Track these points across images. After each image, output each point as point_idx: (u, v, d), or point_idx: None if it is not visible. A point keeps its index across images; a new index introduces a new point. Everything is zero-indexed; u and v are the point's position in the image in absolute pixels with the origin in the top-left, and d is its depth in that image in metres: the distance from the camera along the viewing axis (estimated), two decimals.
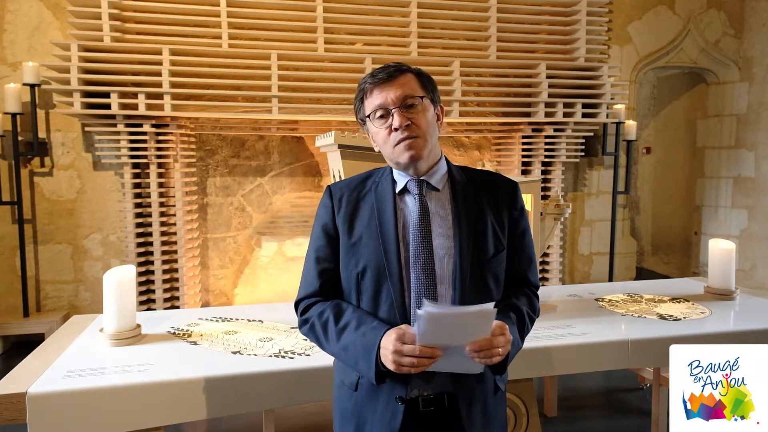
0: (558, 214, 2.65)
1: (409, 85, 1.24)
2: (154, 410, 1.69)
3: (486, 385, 1.29)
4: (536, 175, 4.61)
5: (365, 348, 1.18)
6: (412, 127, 1.22)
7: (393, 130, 1.23)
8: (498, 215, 1.30)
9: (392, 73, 1.24)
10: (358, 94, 1.29)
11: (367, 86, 1.26)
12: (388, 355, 1.13)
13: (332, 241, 1.32)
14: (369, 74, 1.27)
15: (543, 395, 3.05)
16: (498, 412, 1.34)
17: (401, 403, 1.22)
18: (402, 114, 1.22)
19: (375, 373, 1.17)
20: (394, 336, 1.13)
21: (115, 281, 2.01)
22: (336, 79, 4.05)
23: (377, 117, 1.25)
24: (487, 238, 1.27)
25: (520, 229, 1.34)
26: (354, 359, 1.22)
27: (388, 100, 1.23)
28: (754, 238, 5.33)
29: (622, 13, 5.02)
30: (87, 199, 4.16)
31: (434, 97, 1.29)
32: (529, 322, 1.33)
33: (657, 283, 3.13)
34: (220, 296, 4.44)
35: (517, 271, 1.35)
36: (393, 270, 1.23)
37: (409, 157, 1.23)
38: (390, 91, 1.23)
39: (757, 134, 5.27)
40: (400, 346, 1.12)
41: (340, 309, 1.27)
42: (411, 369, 1.11)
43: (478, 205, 1.29)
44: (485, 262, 1.26)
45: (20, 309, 4.02)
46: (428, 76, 1.31)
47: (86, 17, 3.76)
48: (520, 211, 1.35)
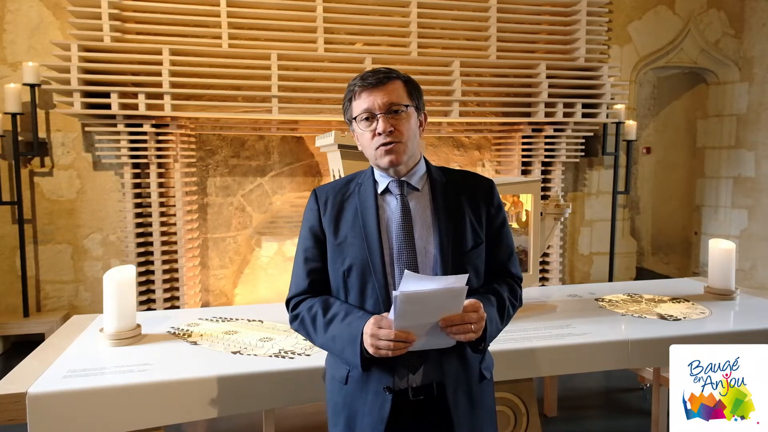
0: (558, 214, 2.65)
1: (396, 93, 1.30)
2: (154, 410, 1.69)
3: (471, 372, 1.34)
4: (536, 175, 4.61)
5: (351, 336, 1.24)
6: (395, 133, 1.28)
7: (377, 134, 1.29)
8: (475, 211, 1.37)
9: (381, 79, 1.30)
10: (347, 95, 1.36)
11: (356, 89, 1.32)
12: (367, 339, 1.20)
13: (319, 241, 1.39)
14: (359, 76, 1.33)
15: (543, 395, 3.05)
16: (485, 400, 1.38)
17: (389, 393, 1.27)
18: (386, 120, 1.28)
19: (360, 360, 1.23)
20: (372, 321, 1.21)
21: (115, 281, 2.01)
22: (336, 79, 4.05)
23: (363, 119, 1.31)
24: (465, 233, 1.34)
25: (498, 223, 1.41)
26: (341, 348, 1.27)
27: (375, 105, 1.29)
28: (754, 238, 5.33)
29: (622, 13, 5.02)
30: (87, 199, 4.16)
31: (419, 105, 1.36)
32: (510, 307, 1.38)
33: (657, 283, 3.13)
34: (220, 296, 4.44)
35: (498, 263, 1.41)
36: (377, 267, 1.29)
37: (389, 162, 1.30)
38: (378, 96, 1.29)
39: (757, 134, 5.27)
40: (376, 330, 1.19)
41: (327, 303, 1.34)
42: (389, 352, 1.17)
43: (456, 203, 1.36)
44: (464, 254, 1.33)
45: (20, 309, 4.02)
46: (416, 84, 1.37)
47: (86, 17, 3.76)
48: (497, 207, 1.41)
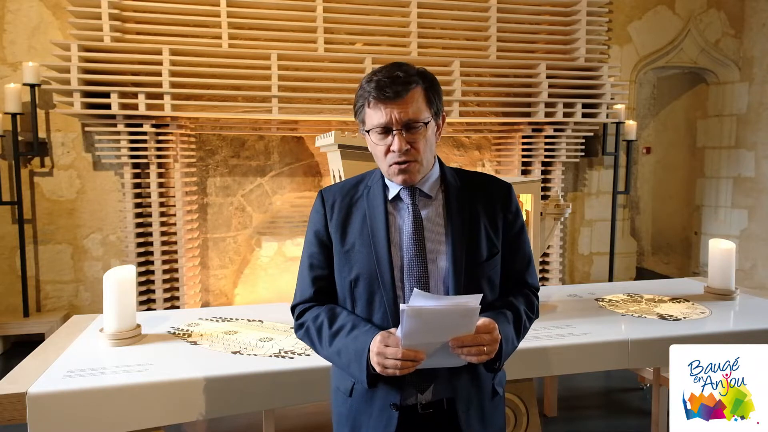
0: (558, 214, 2.65)
1: (415, 105, 1.19)
2: (154, 410, 1.69)
3: (483, 389, 1.29)
4: (536, 175, 4.61)
5: (357, 351, 1.19)
6: (411, 152, 1.20)
7: (390, 151, 1.20)
8: (492, 218, 1.29)
9: (400, 92, 1.17)
10: (361, 97, 1.23)
11: (372, 99, 1.19)
12: (373, 357, 1.14)
13: (325, 247, 1.32)
14: (375, 83, 1.19)
15: (543, 395, 3.05)
16: (496, 416, 1.33)
17: (395, 410, 1.22)
18: (403, 138, 1.19)
19: (366, 377, 1.18)
20: (379, 338, 1.15)
21: (115, 281, 2.01)
22: (336, 79, 4.04)
23: (377, 132, 1.21)
24: (480, 243, 1.26)
25: (515, 230, 1.33)
26: (347, 363, 1.22)
27: (392, 120, 1.18)
28: (754, 238, 5.33)
29: (622, 13, 5.02)
30: (87, 199, 4.16)
31: (438, 110, 1.25)
32: (527, 321, 1.32)
33: (657, 283, 3.13)
34: (220, 296, 4.44)
35: (515, 272, 1.34)
36: (386, 279, 1.23)
37: (402, 181, 1.23)
38: (395, 110, 1.17)
39: (757, 134, 5.27)
40: (383, 348, 1.13)
41: (334, 313, 1.28)
42: (396, 371, 1.11)
43: (471, 210, 1.28)
44: (478, 265, 1.25)
45: (20, 309, 4.02)
46: (436, 84, 1.25)
47: (86, 17, 3.76)
48: (514, 213, 1.33)
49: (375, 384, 1.20)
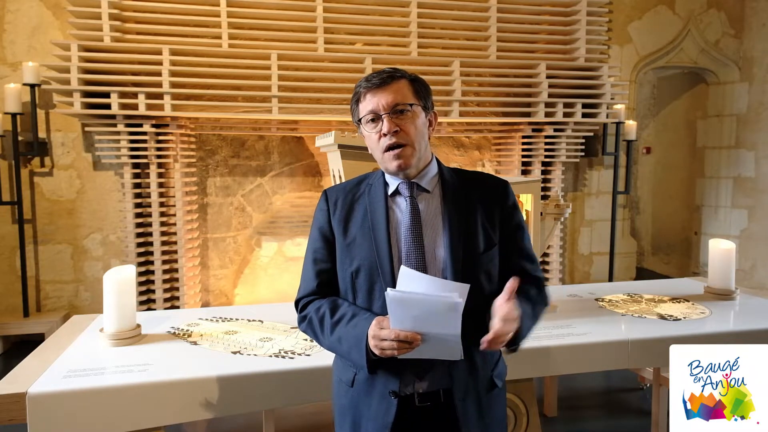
0: (558, 214, 2.65)
1: (401, 92, 1.27)
2: (154, 410, 1.69)
3: (480, 381, 1.32)
4: (536, 175, 4.60)
5: (356, 338, 1.23)
6: (401, 134, 1.26)
7: (382, 135, 1.27)
8: (488, 212, 1.33)
9: (385, 79, 1.27)
10: (353, 97, 1.33)
11: (362, 90, 1.29)
12: (371, 341, 1.20)
13: (328, 242, 1.37)
14: (364, 78, 1.31)
15: (543, 395, 3.05)
16: (496, 409, 1.35)
17: (394, 398, 1.26)
18: (391, 120, 1.26)
19: (366, 362, 1.22)
20: (374, 323, 1.21)
21: (115, 281, 2.01)
22: (336, 79, 4.04)
23: (368, 121, 1.29)
24: (477, 235, 1.30)
25: (513, 224, 1.36)
26: (348, 350, 1.26)
27: (379, 106, 1.26)
28: (754, 238, 5.33)
29: (622, 13, 5.02)
30: (87, 199, 4.16)
31: (427, 104, 1.32)
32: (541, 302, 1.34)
33: (657, 283, 3.13)
34: (220, 296, 4.44)
35: (518, 266, 1.35)
36: (385, 269, 1.27)
37: (397, 167, 1.28)
38: (382, 96, 1.26)
39: (757, 134, 5.27)
40: (378, 330, 1.18)
41: (335, 304, 1.33)
42: (393, 352, 1.16)
43: (467, 204, 1.32)
44: (476, 257, 1.29)
45: (20, 309, 4.02)
46: (423, 82, 1.34)
47: (86, 17, 3.76)
48: (511, 207, 1.37)
49: (375, 370, 1.25)
